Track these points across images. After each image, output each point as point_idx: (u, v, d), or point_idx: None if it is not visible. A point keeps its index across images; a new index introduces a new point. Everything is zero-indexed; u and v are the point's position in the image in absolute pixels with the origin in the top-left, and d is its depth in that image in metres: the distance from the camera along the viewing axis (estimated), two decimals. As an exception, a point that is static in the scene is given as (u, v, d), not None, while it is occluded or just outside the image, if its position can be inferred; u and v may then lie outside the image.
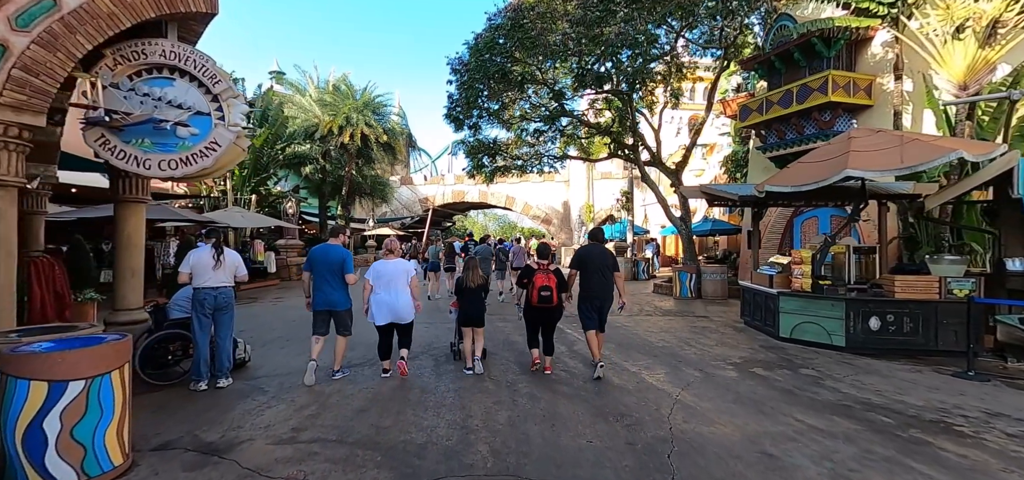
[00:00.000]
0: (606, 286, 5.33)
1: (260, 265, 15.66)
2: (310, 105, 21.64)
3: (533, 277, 5.24)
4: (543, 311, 5.26)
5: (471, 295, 5.36)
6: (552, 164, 17.13)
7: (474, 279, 5.40)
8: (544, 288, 5.12)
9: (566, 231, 32.86)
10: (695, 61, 13.79)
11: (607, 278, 5.33)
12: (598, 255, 5.39)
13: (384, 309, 5.04)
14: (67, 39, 4.16)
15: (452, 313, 5.80)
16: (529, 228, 53.64)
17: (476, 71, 11.70)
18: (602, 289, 5.30)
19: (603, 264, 5.34)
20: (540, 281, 5.16)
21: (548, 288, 5.11)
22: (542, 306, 5.17)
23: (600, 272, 5.30)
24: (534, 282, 5.19)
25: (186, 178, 5.15)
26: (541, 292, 5.11)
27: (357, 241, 29.21)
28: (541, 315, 5.32)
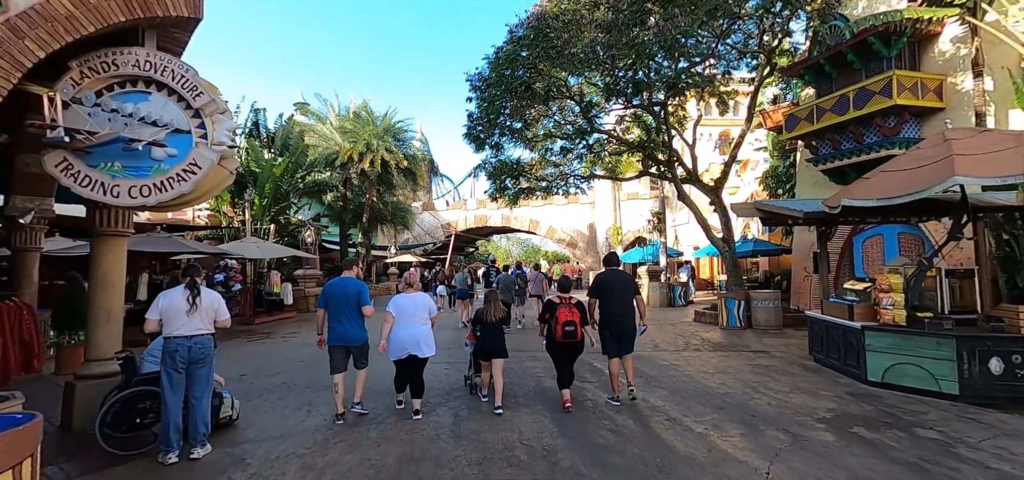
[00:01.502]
0: (627, 311, 5.31)
1: (276, 297, 15.08)
2: (331, 133, 21.42)
3: (556, 312, 5.11)
4: (568, 347, 5.14)
5: (491, 328, 5.23)
6: (578, 185, 16.20)
7: (495, 313, 5.27)
8: (568, 323, 5.01)
9: (593, 254, 31.66)
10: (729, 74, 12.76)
11: (627, 302, 5.32)
12: (617, 280, 5.39)
13: (404, 343, 4.85)
14: (12, 45, 3.50)
15: (467, 346, 5.66)
16: (553, 252, 52.56)
17: (497, 86, 10.96)
18: (623, 314, 5.28)
19: (623, 288, 5.34)
20: (564, 316, 5.05)
21: (572, 323, 5.02)
22: (567, 342, 5.06)
23: (620, 297, 5.29)
24: (557, 317, 5.06)
25: (161, 207, 4.44)
26: (565, 327, 5.00)
27: (379, 268, 28.72)
28: (566, 350, 5.19)
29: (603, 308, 5.34)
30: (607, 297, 5.31)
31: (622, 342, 5.30)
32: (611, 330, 5.27)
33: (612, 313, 5.27)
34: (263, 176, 17.72)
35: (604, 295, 5.33)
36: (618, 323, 5.25)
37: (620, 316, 5.24)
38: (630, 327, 5.30)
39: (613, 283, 5.35)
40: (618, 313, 5.25)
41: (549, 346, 5.32)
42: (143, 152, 4.23)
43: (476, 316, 5.49)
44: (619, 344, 5.30)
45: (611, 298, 5.29)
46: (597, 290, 5.42)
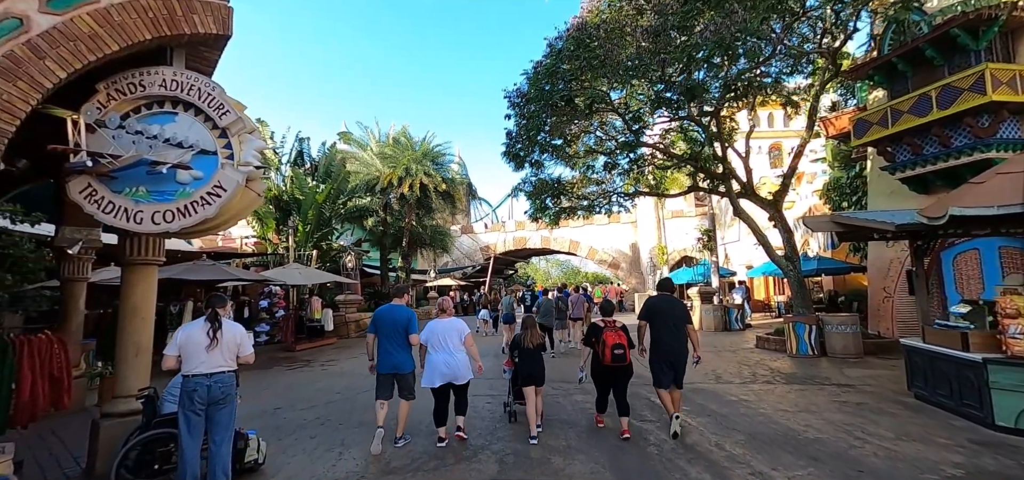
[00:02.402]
0: (679, 339, 5.04)
1: (317, 323, 15.04)
2: (371, 159, 21.67)
3: (602, 335, 4.94)
4: (617, 371, 4.95)
5: (529, 354, 5.16)
6: (622, 203, 15.42)
7: (532, 339, 5.23)
8: (617, 346, 4.83)
9: (636, 275, 30.48)
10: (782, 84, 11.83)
11: (680, 330, 5.06)
12: (669, 307, 5.16)
13: (438, 370, 4.79)
14: (32, 65, 3.32)
15: (506, 373, 5.53)
16: (594, 273, 51.35)
17: (536, 101, 10.53)
18: (675, 343, 5.02)
19: (675, 316, 5.09)
20: (611, 339, 4.88)
21: (621, 346, 4.85)
22: (616, 366, 4.87)
23: (672, 325, 5.05)
24: (605, 340, 4.89)
25: (185, 232, 4.18)
26: (615, 350, 4.82)
27: (419, 292, 28.66)
28: (614, 375, 5.00)
29: (654, 334, 5.10)
30: (658, 323, 5.07)
31: (678, 371, 5.03)
32: (664, 359, 5.02)
33: (663, 340, 5.03)
34: (306, 203, 18.00)
35: (655, 320, 5.10)
36: (671, 351, 5.00)
37: (672, 343, 5.00)
38: (683, 356, 5.02)
39: (665, 308, 5.13)
40: (671, 340, 5.01)
41: (595, 372, 5.17)
42: (168, 175, 3.99)
43: (514, 341, 5.41)
44: (676, 373, 5.03)
45: (662, 324, 5.05)
46: (648, 314, 5.19)
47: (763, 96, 10.42)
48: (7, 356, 4.38)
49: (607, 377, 5.06)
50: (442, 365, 4.78)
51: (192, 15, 4.15)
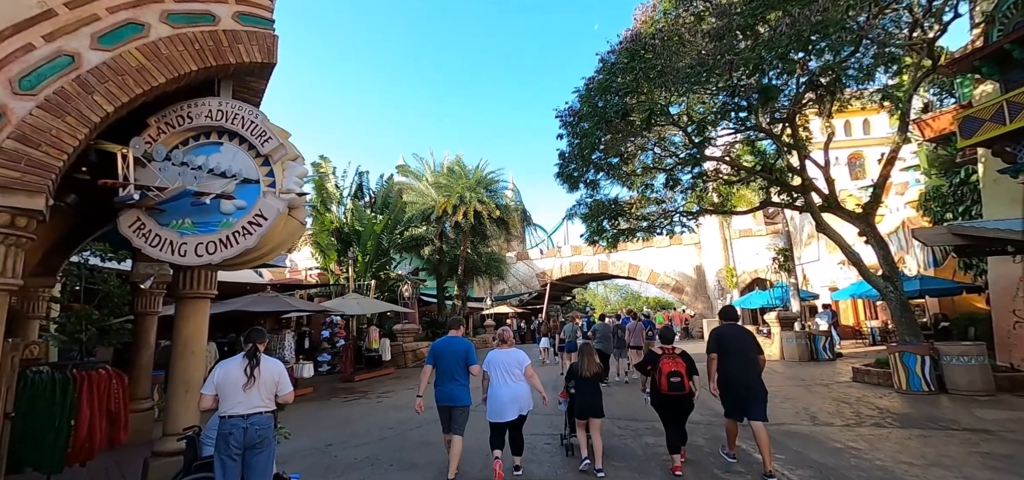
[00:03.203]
0: (749, 370, 4.75)
1: (375, 353, 15.09)
2: (426, 189, 22.06)
3: (659, 363, 4.82)
4: (674, 400, 4.77)
5: (586, 384, 5.01)
6: (685, 223, 14.42)
7: (589, 368, 5.05)
8: (673, 374, 4.69)
9: (702, 299, 28.64)
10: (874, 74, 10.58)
11: (750, 360, 4.80)
12: (737, 336, 4.93)
13: (502, 402, 4.71)
14: (81, 100, 3.31)
15: (561, 404, 5.37)
16: (656, 298, 49.18)
17: (590, 118, 10.05)
18: (746, 374, 4.73)
19: (744, 345, 4.86)
20: (668, 366, 4.75)
21: (677, 373, 4.69)
22: (673, 394, 4.71)
23: (741, 355, 4.81)
24: (661, 368, 4.77)
25: (227, 264, 4.05)
26: (670, 378, 4.68)
27: (476, 320, 28.52)
28: (673, 405, 4.80)
29: (723, 367, 4.86)
30: (727, 355, 4.84)
31: (750, 406, 4.64)
32: (734, 394, 4.75)
33: (733, 372, 4.77)
34: (365, 234, 18.44)
35: (723, 353, 4.87)
36: (742, 385, 4.70)
37: (744, 376, 4.73)
38: (758, 388, 4.68)
39: (732, 340, 4.89)
40: (741, 373, 4.74)
41: (655, 401, 4.98)
42: (211, 206, 3.89)
43: (570, 370, 5.25)
44: (746, 408, 4.68)
45: (732, 357, 4.80)
46: (715, 345, 4.96)
47: (856, 88, 9.26)
48: (68, 392, 4.43)
49: (668, 408, 4.84)
50: (505, 397, 4.70)
51: (237, 45, 4.11)
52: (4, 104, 3.06)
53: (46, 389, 4.30)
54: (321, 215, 18.59)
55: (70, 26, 3.38)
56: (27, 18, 3.23)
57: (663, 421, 4.95)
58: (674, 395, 4.71)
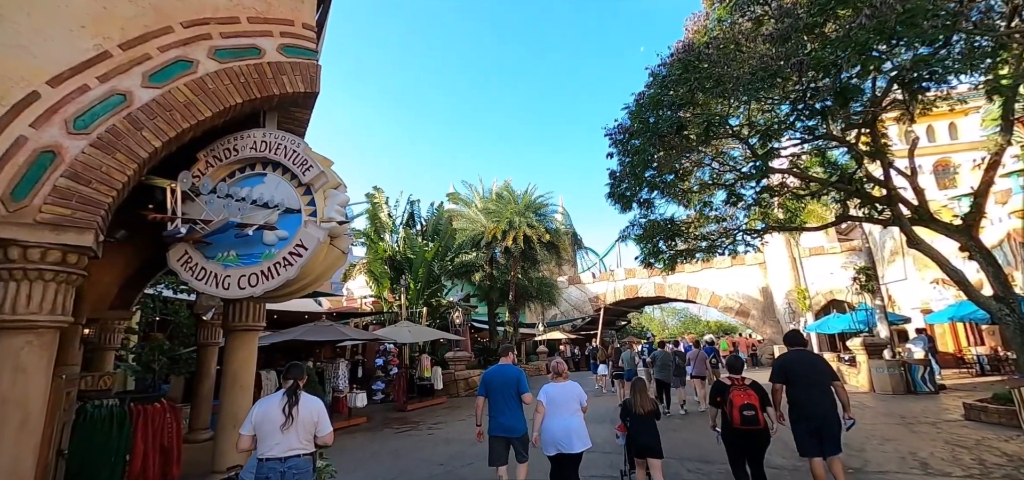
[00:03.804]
0: (824, 400, 4.39)
1: (427, 382, 14.99)
2: (476, 215, 22.15)
3: (729, 394, 4.49)
4: (748, 435, 4.37)
5: (641, 422, 4.73)
6: (749, 242, 13.37)
7: (642, 404, 4.78)
8: (746, 406, 4.33)
9: (771, 324, 26.60)
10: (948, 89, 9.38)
11: (825, 388, 4.45)
12: (806, 362, 4.60)
13: (555, 436, 4.48)
14: (131, 137, 3.36)
15: (619, 438, 5.13)
16: (717, 322, 46.48)
17: (641, 134, 9.55)
18: (821, 405, 4.37)
19: (815, 371, 4.52)
20: (739, 398, 4.40)
21: (751, 406, 4.33)
22: (747, 429, 4.33)
23: (813, 384, 4.45)
24: (732, 400, 4.43)
25: (269, 296, 3.97)
26: (744, 411, 4.32)
27: (528, 347, 28.02)
28: (746, 441, 4.42)
29: (792, 396, 4.52)
30: (797, 384, 4.50)
31: (825, 440, 4.30)
32: (808, 425, 4.38)
33: (805, 402, 4.41)
34: (417, 261, 18.65)
35: (791, 381, 4.53)
36: (817, 415, 4.34)
37: (817, 406, 4.36)
38: (833, 418, 4.33)
39: (801, 366, 4.55)
40: (814, 402, 4.37)
41: (725, 435, 4.61)
42: (254, 238, 3.84)
43: (623, 405, 5.02)
44: (821, 442, 4.31)
45: (802, 384, 4.47)
46: (781, 374, 4.61)
47: (947, 87, 8.18)
48: (124, 426, 4.48)
49: (740, 443, 4.48)
50: (559, 431, 4.49)
51: (281, 76, 4.11)
52: (59, 143, 3.13)
53: (104, 423, 4.37)
54: (374, 244, 19.03)
55: (123, 66, 3.47)
56: (84, 60, 3.33)
57: (731, 461, 4.59)
58: (748, 429, 4.34)
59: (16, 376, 2.83)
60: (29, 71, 3.13)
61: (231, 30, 3.99)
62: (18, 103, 3.05)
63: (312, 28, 4.48)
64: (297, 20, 4.38)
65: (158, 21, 3.69)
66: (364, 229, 19.78)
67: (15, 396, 2.81)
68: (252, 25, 4.11)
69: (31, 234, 2.93)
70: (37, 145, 3.06)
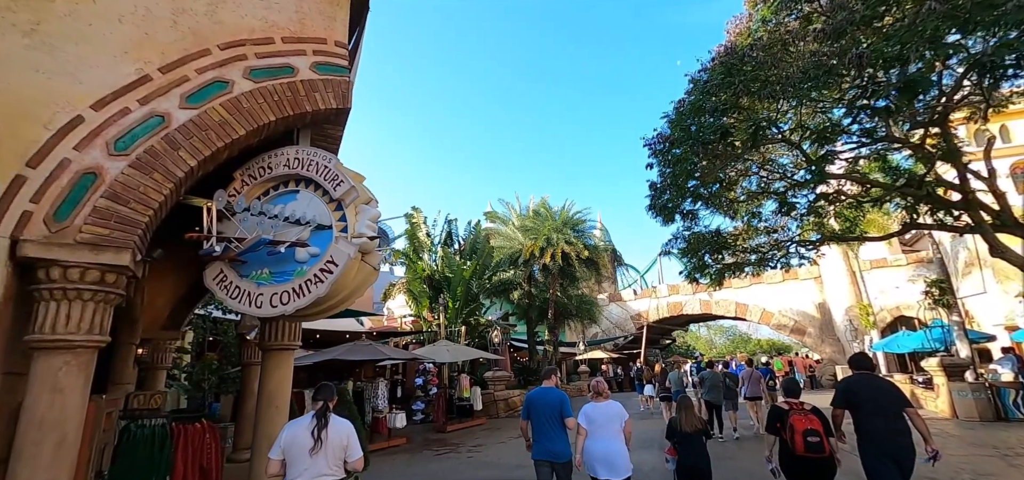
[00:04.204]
0: (897, 429, 3.98)
1: (466, 402, 14.79)
2: (513, 232, 22.07)
3: (789, 419, 4.14)
4: (813, 464, 3.99)
5: (689, 440, 4.62)
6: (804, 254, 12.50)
7: (688, 422, 4.67)
8: (810, 432, 3.95)
9: (830, 342, 24.86)
10: None
11: (895, 415, 4.04)
12: (874, 388, 4.22)
13: (597, 459, 4.36)
14: (167, 157, 3.39)
15: (669, 462, 4.87)
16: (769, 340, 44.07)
17: (683, 143, 9.15)
18: (896, 434, 3.96)
19: (885, 396, 4.13)
20: (801, 423, 4.04)
21: (815, 432, 3.95)
22: (811, 456, 3.94)
23: (886, 410, 4.05)
24: (793, 425, 4.07)
25: (301, 314, 3.90)
26: (808, 437, 3.95)
27: (569, 366, 27.41)
28: (811, 470, 4.02)
29: (861, 423, 4.15)
30: (862, 409, 4.14)
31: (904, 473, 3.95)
32: (885, 454, 3.96)
33: (877, 430, 4.04)
34: (455, 280, 18.67)
35: (856, 406, 4.18)
36: (892, 444, 3.94)
37: (892, 435, 3.97)
38: (910, 451, 3.94)
39: (871, 391, 4.18)
40: (888, 431, 3.98)
41: (785, 465, 4.22)
42: (287, 255, 3.80)
43: (669, 426, 4.84)
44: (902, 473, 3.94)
45: (871, 411, 4.10)
46: (844, 398, 4.28)
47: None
48: (165, 446, 4.51)
49: (803, 474, 4.09)
50: (600, 454, 4.36)
51: (314, 93, 4.12)
52: (100, 165, 3.19)
53: (147, 442, 4.41)
54: (413, 263, 19.21)
55: (163, 88, 3.53)
56: (125, 84, 3.41)
57: None
58: (813, 457, 3.95)
59: (54, 397, 2.84)
60: (75, 96, 3.22)
61: (266, 50, 4.04)
62: (63, 127, 3.14)
63: (344, 46, 4.48)
64: (330, 38, 4.40)
65: (196, 44, 3.76)
66: (403, 249, 20.04)
67: (52, 417, 2.81)
68: (286, 45, 4.15)
69: (71, 254, 2.97)
70: (80, 167, 3.12)
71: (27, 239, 2.89)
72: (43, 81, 3.15)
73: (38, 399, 2.81)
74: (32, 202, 2.95)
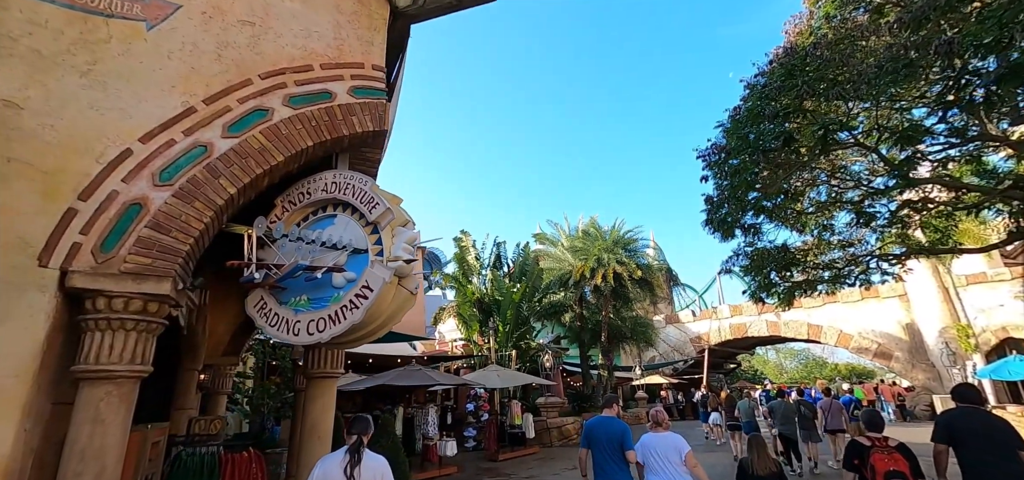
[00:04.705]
0: (1011, 471, 3.45)
1: (518, 430, 14.37)
2: (562, 254, 21.66)
3: (869, 457, 3.64)
4: None
5: None
6: (887, 269, 11.21)
7: (762, 464, 4.30)
8: (893, 474, 3.45)
9: (923, 367, 22.26)
10: None
11: (1007, 456, 3.50)
12: (981, 422, 3.73)
13: None
14: (208, 185, 3.43)
15: None
16: (848, 364, 40.36)
17: (739, 152, 8.53)
18: (1007, 476, 3.45)
19: (996, 432, 3.63)
20: (883, 463, 3.53)
21: (899, 474, 3.44)
22: None
23: (996, 449, 3.55)
24: (873, 465, 3.58)
25: (337, 342, 3.79)
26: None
27: (626, 392, 26.28)
28: None
29: (963, 462, 3.76)
30: (966, 446, 3.74)
31: None
32: None
33: (985, 472, 3.60)
34: (505, 303, 18.47)
35: (959, 442, 3.79)
36: None
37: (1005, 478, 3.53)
38: None
39: (977, 427, 3.74)
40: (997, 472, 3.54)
41: None
42: (324, 281, 3.73)
43: (740, 468, 4.54)
44: None
45: (978, 449, 3.67)
46: (945, 432, 3.89)
47: None
48: (214, 474, 4.52)
49: None
50: None
51: (351, 117, 4.09)
52: (145, 195, 3.25)
53: (196, 470, 4.44)
54: (463, 287, 19.23)
55: (206, 119, 3.60)
56: (172, 117, 3.51)
57: None
58: None
59: (95, 428, 2.84)
60: (124, 130, 3.33)
61: (305, 77, 4.07)
62: (113, 160, 3.24)
63: (381, 69, 4.47)
64: (367, 62, 4.40)
65: (239, 75, 3.83)
66: (452, 272, 20.16)
67: (94, 448, 2.81)
68: (324, 71, 4.17)
69: (115, 284, 3.01)
70: (126, 198, 3.20)
71: (75, 270, 2.96)
72: (96, 117, 3.28)
73: (80, 430, 2.82)
74: (81, 234, 3.03)
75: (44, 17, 3.31)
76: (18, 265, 2.84)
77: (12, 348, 2.71)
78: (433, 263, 32.04)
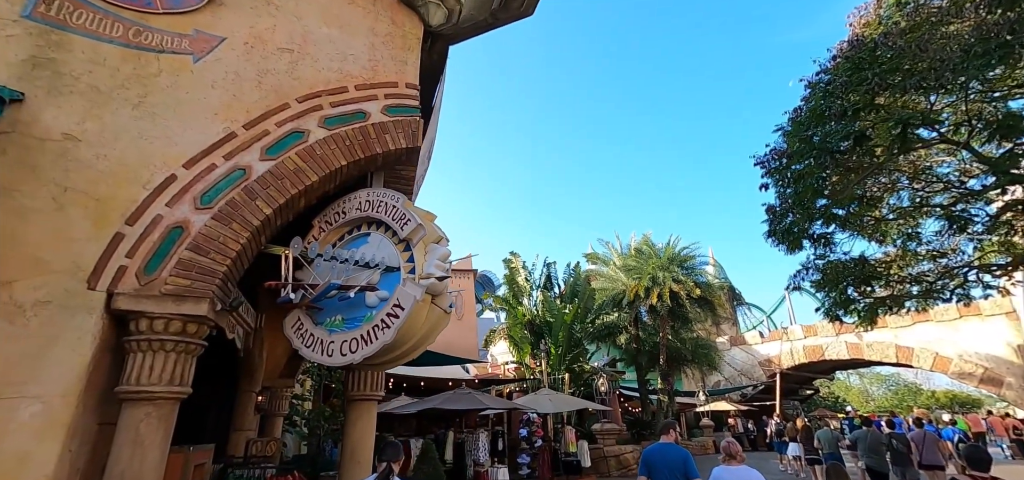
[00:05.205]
0: None
1: (573, 457, 13.78)
2: (615, 273, 20.98)
3: None
4: None
5: None
6: (989, 283, 9.78)
7: None
8: None
9: (1042, 394, 19.32)
10: None
11: None
12: None
13: None
14: (245, 207, 3.49)
15: None
16: (948, 391, 35.92)
17: (803, 156, 7.83)
18: None
19: None
20: None
21: None
22: None
23: None
24: None
25: (370, 363, 3.70)
26: None
27: (689, 419, 24.75)
28: None
29: None
30: None
31: None
32: None
33: None
34: (556, 325, 18.06)
35: None
36: None
37: None
38: None
39: None
40: None
41: None
42: (357, 300, 3.67)
43: None
44: None
45: None
46: None
47: None
48: (258, 496, 4.54)
49: None
50: None
51: (384, 135, 4.09)
52: (187, 219, 3.35)
53: (242, 492, 4.48)
54: (513, 309, 19.03)
55: (245, 143, 3.70)
56: (214, 142, 3.63)
57: None
58: None
59: (135, 449, 2.88)
60: (170, 157, 3.47)
61: (339, 99, 4.12)
62: (158, 185, 3.37)
63: (415, 87, 4.46)
64: (401, 81, 4.41)
65: (277, 100, 3.94)
66: (503, 294, 20.05)
67: (133, 470, 2.84)
68: (359, 91, 4.21)
69: (157, 305, 3.09)
70: (169, 222, 3.31)
71: (120, 292, 3.06)
72: (145, 145, 3.44)
73: (121, 451, 2.87)
74: (127, 257, 3.15)
75: (103, 55, 3.55)
76: (70, 289, 2.98)
77: (60, 368, 2.81)
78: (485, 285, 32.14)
